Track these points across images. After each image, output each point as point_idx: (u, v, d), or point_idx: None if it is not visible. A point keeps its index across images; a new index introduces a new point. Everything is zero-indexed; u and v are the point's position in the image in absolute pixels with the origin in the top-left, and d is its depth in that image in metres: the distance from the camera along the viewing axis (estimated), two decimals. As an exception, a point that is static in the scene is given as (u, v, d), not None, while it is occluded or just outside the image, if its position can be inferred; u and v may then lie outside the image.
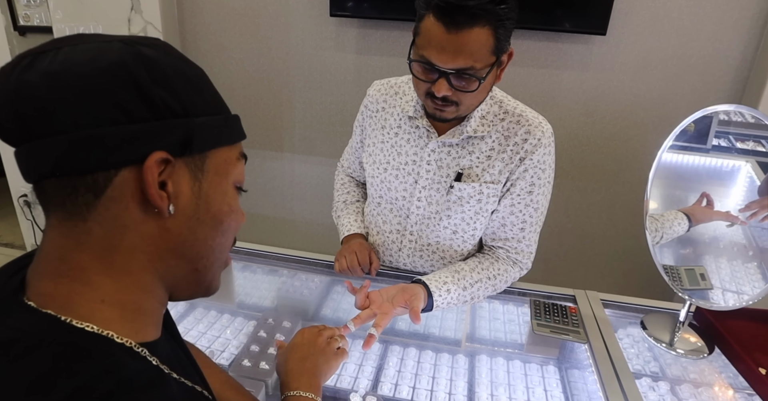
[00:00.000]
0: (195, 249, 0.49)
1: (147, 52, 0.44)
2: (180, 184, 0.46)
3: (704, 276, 1.13)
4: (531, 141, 1.06)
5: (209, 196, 0.49)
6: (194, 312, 1.20)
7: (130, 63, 0.42)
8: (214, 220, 0.50)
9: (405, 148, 1.15)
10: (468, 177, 1.10)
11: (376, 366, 1.06)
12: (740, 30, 1.86)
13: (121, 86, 0.42)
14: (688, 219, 1.18)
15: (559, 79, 2.05)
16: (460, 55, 0.89)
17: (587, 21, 1.91)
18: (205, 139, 0.47)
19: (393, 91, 1.19)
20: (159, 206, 0.44)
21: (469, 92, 0.94)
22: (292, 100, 2.35)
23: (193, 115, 0.46)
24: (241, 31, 2.27)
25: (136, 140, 0.42)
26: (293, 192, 2.53)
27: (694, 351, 1.09)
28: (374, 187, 1.23)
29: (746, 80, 1.91)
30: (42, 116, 0.41)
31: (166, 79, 0.44)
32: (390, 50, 2.14)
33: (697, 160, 1.21)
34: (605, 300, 1.23)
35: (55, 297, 0.44)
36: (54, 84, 0.40)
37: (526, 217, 1.12)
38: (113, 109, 0.41)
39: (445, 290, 1.07)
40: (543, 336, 1.09)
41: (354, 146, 1.33)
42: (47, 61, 0.41)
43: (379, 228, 1.27)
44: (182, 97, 0.45)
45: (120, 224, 0.44)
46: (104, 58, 0.42)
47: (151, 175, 0.43)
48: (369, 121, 1.22)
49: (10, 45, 2.54)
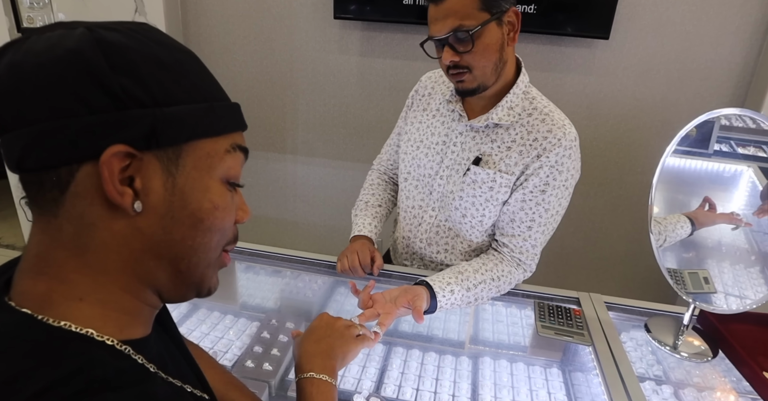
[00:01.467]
0: (173, 250, 0.46)
1: (111, 36, 0.41)
2: (150, 180, 0.42)
3: (708, 280, 1.13)
4: (551, 139, 1.07)
5: (185, 193, 0.44)
6: (197, 312, 1.20)
7: (87, 49, 0.39)
8: (193, 219, 0.45)
9: (439, 129, 1.21)
10: (485, 163, 1.14)
11: (380, 367, 1.06)
12: (742, 35, 1.87)
13: (75, 75, 0.39)
14: (691, 223, 1.18)
15: (562, 82, 2.06)
16: (447, 18, 0.98)
17: (590, 25, 1.91)
18: (178, 130, 0.43)
19: (441, 79, 1.27)
20: (119, 203, 0.41)
21: (468, 53, 1.00)
22: (295, 102, 2.35)
23: (164, 104, 0.42)
24: (245, 32, 2.27)
25: (94, 132, 0.39)
26: (296, 193, 2.53)
27: (698, 354, 1.09)
28: (405, 163, 1.29)
29: (749, 85, 1.92)
30: (6, 109, 0.39)
31: (130, 66, 0.40)
32: (393, 53, 2.14)
33: (699, 164, 1.21)
34: (609, 302, 1.23)
35: (33, 294, 0.43)
36: (14, 75, 0.39)
37: (535, 216, 1.12)
38: (70, 99, 0.39)
39: (449, 291, 1.07)
40: (546, 339, 1.09)
41: (393, 139, 1.40)
42: (12, 52, 0.40)
43: (403, 204, 1.32)
44: (150, 84, 0.41)
45: (87, 222, 0.42)
46: (62, 45, 0.39)
47: (109, 170, 0.40)
48: (415, 105, 1.30)
49: (14, 46, 2.54)
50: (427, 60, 1.14)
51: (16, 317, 0.41)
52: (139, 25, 0.45)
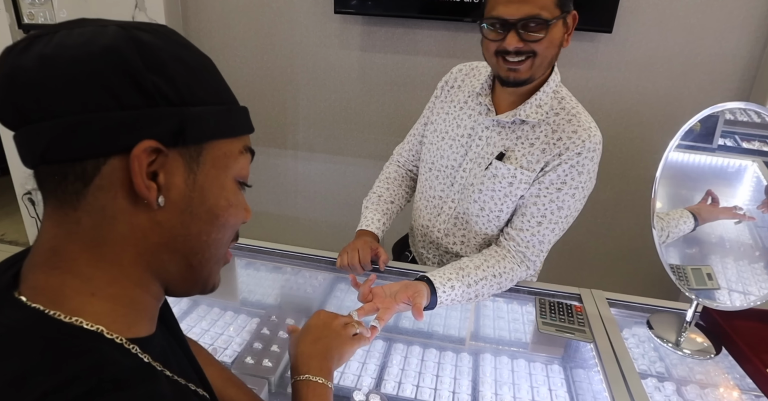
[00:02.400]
0: (189, 244, 0.47)
1: (144, 36, 0.42)
2: (173, 176, 0.44)
3: (711, 276, 1.12)
4: (575, 140, 1.07)
5: (205, 189, 0.46)
6: (197, 309, 1.20)
7: (123, 47, 0.41)
8: (210, 215, 0.47)
9: (465, 121, 1.21)
10: (508, 158, 1.14)
11: (380, 364, 1.06)
12: (748, 28, 1.85)
13: (111, 71, 0.40)
14: (694, 218, 1.17)
15: (564, 77, 2.01)
16: (526, 3, 0.96)
17: (593, 19, 1.90)
18: (202, 129, 0.45)
19: (473, 72, 1.25)
20: (146, 197, 0.42)
21: (539, 42, 0.99)
22: (296, 98, 2.34)
23: (190, 103, 0.44)
24: (245, 28, 2.26)
25: (126, 127, 0.41)
26: (297, 189, 2.53)
27: (701, 351, 1.08)
28: (429, 153, 1.29)
29: (754, 78, 1.90)
30: (34, 101, 0.40)
31: (162, 65, 0.42)
32: (394, 47, 2.13)
33: (703, 159, 1.20)
34: (611, 299, 1.22)
35: (45, 289, 0.43)
36: (46, 68, 0.39)
37: (546, 212, 1.12)
38: (104, 94, 0.40)
39: (449, 287, 1.06)
40: (548, 335, 1.08)
41: (415, 131, 1.39)
42: (42, 45, 0.40)
43: (424, 194, 1.33)
44: (179, 84, 0.43)
45: (109, 215, 0.42)
46: (97, 41, 0.40)
47: (138, 164, 0.41)
48: (442, 96, 1.29)
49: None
50: (429, 55, 1.13)
51: (28, 313, 0.41)
52: (161, 27, 0.46)
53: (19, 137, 0.42)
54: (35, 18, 2.63)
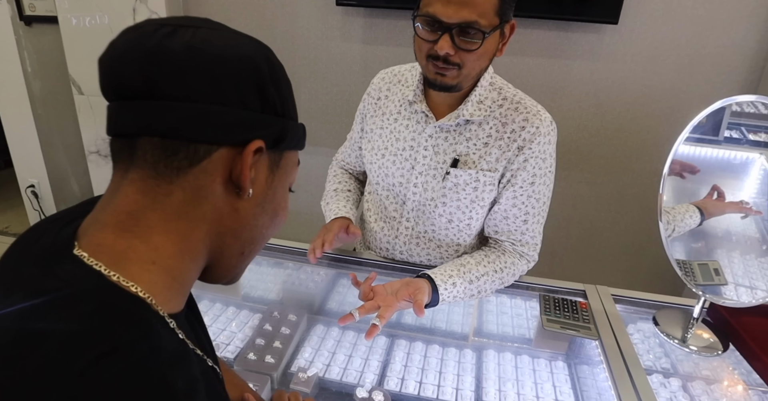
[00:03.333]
0: (251, 234, 0.53)
1: (272, 57, 0.50)
2: (260, 173, 0.50)
3: (718, 272, 1.11)
4: (529, 129, 1.04)
5: (276, 190, 0.53)
6: (200, 304, 1.19)
7: (261, 60, 0.48)
8: (274, 212, 0.54)
9: (403, 133, 1.14)
10: (464, 163, 1.09)
11: (382, 360, 1.05)
12: (756, 19, 1.82)
13: (246, 76, 0.46)
14: (701, 213, 1.16)
15: (569, 69, 2.02)
16: (465, 7, 0.89)
17: (599, 10, 1.87)
18: (290, 139, 0.52)
19: (396, 78, 1.19)
20: (245, 188, 0.48)
21: (471, 52, 0.93)
22: (297, 91, 2.32)
23: (288, 117, 0.51)
24: (247, 20, 2.24)
25: (245, 125, 0.47)
26: (298, 183, 2.50)
27: (708, 348, 1.07)
28: (372, 172, 1.22)
29: (762, 70, 1.87)
30: (173, 81, 0.44)
31: (279, 82, 0.50)
32: (397, 40, 2.11)
33: (709, 152, 1.19)
34: (616, 295, 1.21)
35: (112, 249, 0.44)
36: (193, 56, 0.44)
37: (528, 209, 1.10)
38: (235, 93, 0.46)
39: (451, 284, 1.05)
40: (552, 332, 1.07)
41: (353, 137, 1.32)
42: (189, 35, 0.45)
43: (376, 216, 1.26)
44: (285, 99, 0.51)
45: (201, 195, 0.47)
46: (241, 48, 0.47)
47: (250, 159, 0.47)
48: (370, 108, 1.22)
49: (16, 35, 2.53)
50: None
51: (89, 272, 0.43)
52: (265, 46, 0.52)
53: (131, 108, 0.45)
54: (37, 9, 2.62)
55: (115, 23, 2.25)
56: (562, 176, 2.14)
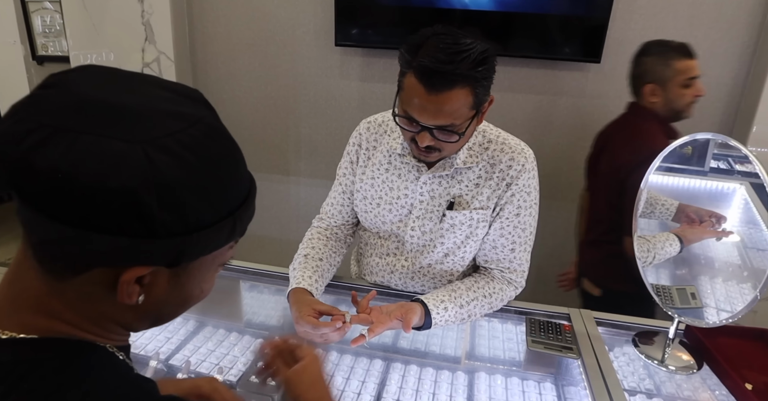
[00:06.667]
0: (159, 316, 0.54)
1: (169, 171, 0.41)
2: (158, 278, 0.47)
3: (695, 295, 1.17)
4: (515, 167, 1.12)
5: (184, 286, 0.51)
6: (203, 330, 1.24)
7: (141, 190, 0.40)
8: (182, 300, 0.53)
9: (396, 183, 1.19)
10: (459, 205, 1.16)
11: (378, 382, 1.10)
12: (730, 57, 1.93)
13: (122, 207, 0.40)
14: (680, 241, 1.22)
15: (555, 104, 2.12)
16: (440, 114, 0.95)
17: (582, 49, 1.99)
18: (199, 251, 0.47)
19: (382, 129, 1.23)
20: (126, 302, 0.46)
21: (450, 143, 1.01)
22: (298, 126, 2.43)
23: (195, 230, 0.44)
24: (250, 59, 2.36)
25: (121, 252, 0.42)
26: (299, 214, 2.59)
27: (684, 367, 1.12)
28: (368, 221, 1.26)
29: (737, 109, 1.97)
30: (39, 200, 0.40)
31: (175, 202, 0.42)
32: (393, 78, 2.17)
33: (694, 182, 1.27)
34: (599, 318, 1.27)
35: (36, 328, 0.47)
36: (59, 183, 0.39)
37: (515, 238, 1.17)
38: (107, 221, 0.40)
39: (443, 308, 1.11)
40: (540, 354, 1.13)
41: (344, 183, 1.29)
42: (63, 148, 0.39)
43: (375, 251, 1.31)
44: (188, 216, 0.44)
45: (94, 298, 0.47)
46: (116, 176, 0.39)
47: (126, 284, 0.45)
48: (360, 161, 1.26)
49: (28, 74, 2.63)
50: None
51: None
52: (201, 125, 0.45)
53: (19, 203, 0.41)
54: (49, 50, 2.73)
55: (121, 60, 2.34)
56: (548, 205, 2.21)
